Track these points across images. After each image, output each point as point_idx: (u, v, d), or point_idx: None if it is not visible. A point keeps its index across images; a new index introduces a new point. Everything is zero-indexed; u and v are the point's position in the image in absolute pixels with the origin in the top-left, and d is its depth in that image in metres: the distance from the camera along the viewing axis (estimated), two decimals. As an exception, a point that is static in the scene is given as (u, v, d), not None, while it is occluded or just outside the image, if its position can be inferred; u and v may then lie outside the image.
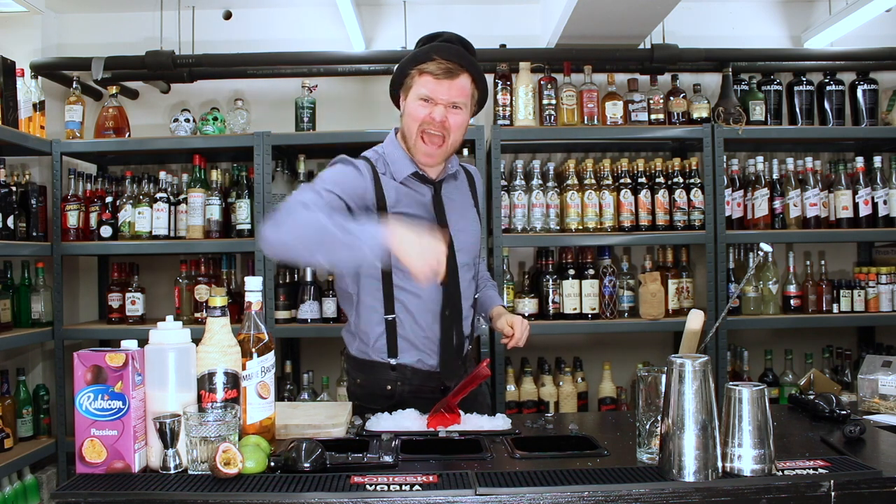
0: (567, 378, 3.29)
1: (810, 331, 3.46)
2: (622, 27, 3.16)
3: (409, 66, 1.83)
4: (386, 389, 1.91)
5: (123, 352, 1.38)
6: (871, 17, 3.13)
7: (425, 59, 1.79)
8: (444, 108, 1.79)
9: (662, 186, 3.19)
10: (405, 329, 1.88)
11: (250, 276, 2.42)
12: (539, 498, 1.27)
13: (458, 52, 1.79)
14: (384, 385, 1.91)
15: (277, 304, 3.16)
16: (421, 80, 1.80)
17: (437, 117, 1.79)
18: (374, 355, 1.92)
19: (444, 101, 1.79)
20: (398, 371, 1.90)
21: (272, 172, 3.17)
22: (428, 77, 1.78)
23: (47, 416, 3.23)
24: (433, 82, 1.78)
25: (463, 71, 1.79)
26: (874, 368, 1.94)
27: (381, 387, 1.91)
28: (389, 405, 1.85)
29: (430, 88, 1.78)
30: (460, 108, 1.81)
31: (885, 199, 3.23)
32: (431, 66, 1.77)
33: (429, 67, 1.78)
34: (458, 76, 1.79)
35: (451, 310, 1.86)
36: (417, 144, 1.83)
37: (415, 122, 1.81)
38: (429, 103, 1.80)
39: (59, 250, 3.19)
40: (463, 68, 1.79)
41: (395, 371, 1.90)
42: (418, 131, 1.81)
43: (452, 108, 1.80)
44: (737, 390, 1.33)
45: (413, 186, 1.88)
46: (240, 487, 1.29)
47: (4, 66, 2.93)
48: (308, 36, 3.60)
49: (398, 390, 1.90)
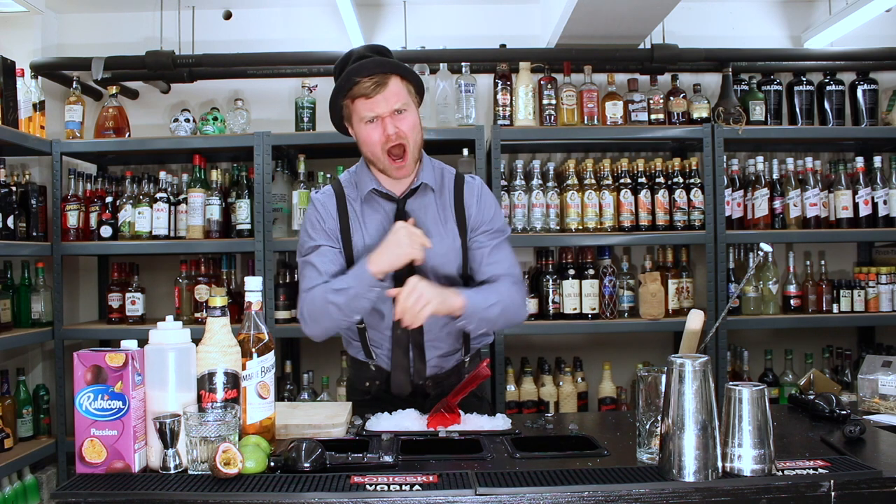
0: (567, 378, 3.29)
1: (810, 331, 3.46)
2: (622, 27, 3.16)
3: (338, 99, 1.82)
4: (364, 385, 1.99)
5: (123, 352, 1.38)
6: (871, 17, 3.13)
7: (350, 86, 1.77)
8: (390, 118, 1.78)
9: (662, 186, 3.19)
10: (373, 337, 1.94)
11: (250, 276, 2.42)
12: (539, 498, 1.27)
13: (376, 63, 1.77)
14: (364, 381, 1.99)
15: (277, 304, 3.16)
16: (356, 106, 1.79)
17: (391, 131, 1.78)
18: (356, 355, 2.00)
19: (387, 113, 1.78)
20: (377, 371, 1.96)
21: (272, 172, 3.17)
22: (361, 100, 1.77)
23: (47, 416, 3.23)
24: (368, 102, 1.77)
25: (388, 76, 1.77)
26: (874, 368, 1.94)
27: (361, 382, 2.00)
28: (368, 399, 1.95)
29: (369, 107, 1.77)
30: (405, 111, 1.80)
31: (885, 199, 3.23)
32: (358, 89, 1.76)
33: (357, 90, 1.76)
34: (387, 83, 1.77)
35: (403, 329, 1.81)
36: (388, 165, 1.82)
37: (375, 146, 1.80)
38: (375, 122, 1.79)
39: (59, 250, 3.19)
40: (386, 74, 1.77)
41: (374, 370, 1.97)
42: (384, 152, 1.81)
43: (398, 115, 1.79)
44: (737, 390, 1.33)
45: (376, 204, 1.89)
46: (240, 487, 1.29)
47: (4, 66, 2.93)
48: (308, 36, 3.60)
49: (374, 388, 1.97)
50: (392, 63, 1.79)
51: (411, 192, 1.88)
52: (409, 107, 1.82)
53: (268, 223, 3.12)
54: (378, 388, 1.96)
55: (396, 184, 1.88)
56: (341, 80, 1.79)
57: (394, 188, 1.88)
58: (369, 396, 1.97)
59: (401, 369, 1.90)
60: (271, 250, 3.12)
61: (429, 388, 1.94)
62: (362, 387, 1.99)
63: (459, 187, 1.92)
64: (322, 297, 1.77)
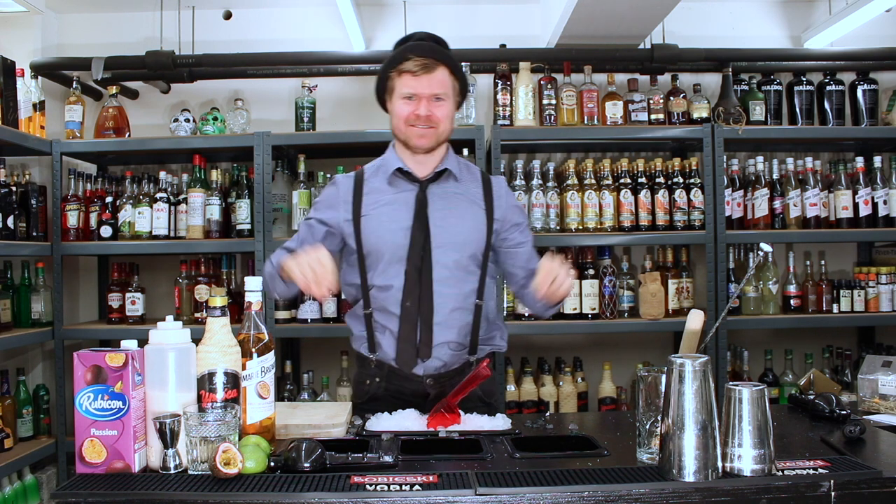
0: (567, 378, 3.29)
1: (810, 331, 3.46)
2: (622, 27, 3.16)
3: (387, 69, 1.90)
4: (365, 384, 1.99)
5: (123, 352, 1.38)
6: (871, 17, 3.13)
7: (402, 60, 1.86)
8: (427, 101, 1.86)
9: (662, 186, 3.19)
10: (378, 324, 1.93)
11: (250, 276, 2.42)
12: (539, 498, 1.27)
13: (431, 48, 1.87)
14: (364, 379, 1.99)
15: (277, 304, 3.16)
16: (401, 80, 1.87)
17: (423, 112, 1.86)
18: (360, 349, 2.01)
19: (426, 95, 1.85)
20: (378, 367, 1.96)
21: (272, 172, 3.17)
22: (407, 76, 1.85)
23: (47, 416, 3.23)
24: (413, 79, 1.85)
25: (439, 64, 1.86)
26: (874, 368, 1.94)
27: (363, 381, 2.00)
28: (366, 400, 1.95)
29: (411, 85, 1.85)
30: (443, 100, 1.88)
31: (885, 199, 3.23)
32: (408, 64, 1.84)
33: (406, 66, 1.85)
34: (436, 70, 1.85)
35: (413, 301, 1.86)
36: (409, 133, 1.89)
37: (401, 119, 1.89)
38: (412, 100, 1.87)
39: (59, 250, 3.19)
40: (439, 62, 1.86)
41: (375, 367, 1.96)
42: (406, 125, 1.88)
43: (435, 101, 1.87)
44: (737, 390, 1.33)
45: (399, 185, 1.94)
46: (240, 487, 1.29)
47: (4, 66, 2.93)
48: (308, 36, 3.60)
49: (374, 386, 1.96)
50: (446, 54, 1.89)
51: (435, 176, 1.94)
52: (448, 98, 1.90)
53: (268, 223, 3.12)
54: (378, 386, 1.96)
55: (421, 167, 1.94)
56: (395, 53, 1.89)
57: (417, 170, 1.93)
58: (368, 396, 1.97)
59: (408, 342, 1.89)
60: (271, 250, 3.11)
61: (429, 387, 1.93)
62: (363, 386, 1.99)
63: (487, 181, 2.00)
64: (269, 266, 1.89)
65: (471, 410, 1.81)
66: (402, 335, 1.89)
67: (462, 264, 1.92)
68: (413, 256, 1.85)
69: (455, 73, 1.90)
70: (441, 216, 1.90)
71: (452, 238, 1.90)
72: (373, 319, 1.94)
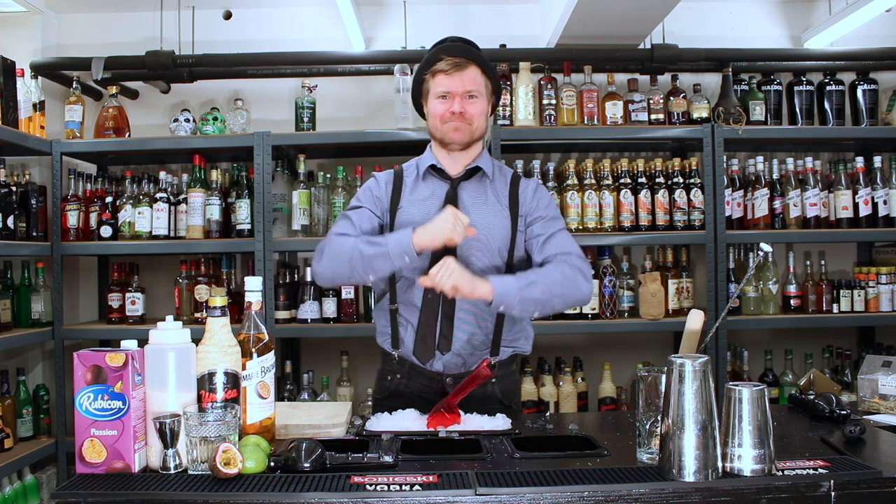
0: (567, 378, 3.29)
1: (810, 331, 3.46)
2: (622, 27, 3.16)
3: (422, 72, 1.97)
4: (386, 380, 2.02)
5: (123, 352, 1.38)
6: (871, 17, 3.13)
7: (435, 61, 1.93)
8: (461, 99, 1.91)
9: (662, 186, 3.19)
10: (403, 319, 1.96)
11: (250, 276, 2.42)
12: (539, 498, 1.27)
13: (462, 48, 1.94)
14: (386, 375, 2.02)
15: (277, 304, 3.16)
16: (435, 81, 1.94)
17: (456, 108, 1.91)
18: (384, 344, 2.03)
19: (459, 93, 1.91)
20: (399, 364, 1.98)
21: (272, 172, 3.17)
22: (440, 75, 1.92)
23: (47, 416, 3.23)
24: (446, 78, 1.91)
25: (470, 63, 1.92)
26: (874, 368, 1.94)
27: (384, 377, 2.03)
28: (386, 395, 1.99)
29: (445, 84, 1.91)
30: (476, 97, 1.93)
31: (885, 199, 3.23)
32: (441, 64, 1.91)
33: (439, 66, 1.92)
34: (467, 68, 1.91)
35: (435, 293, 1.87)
36: (444, 129, 1.93)
37: (437, 118, 1.94)
38: (447, 99, 1.92)
39: (59, 250, 3.19)
40: (470, 61, 1.92)
41: (397, 363, 1.99)
42: (442, 123, 1.93)
43: (469, 98, 1.92)
44: (737, 390, 1.33)
45: (432, 182, 1.99)
46: (240, 487, 1.29)
47: (4, 66, 2.93)
48: (308, 36, 3.60)
49: (395, 382, 1.99)
50: (477, 54, 1.96)
51: (468, 174, 1.97)
52: (481, 96, 1.95)
53: (268, 223, 3.12)
54: (399, 382, 1.98)
55: (454, 164, 1.98)
56: (428, 55, 1.96)
57: (450, 167, 1.98)
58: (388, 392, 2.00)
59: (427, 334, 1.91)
60: (271, 250, 3.11)
61: (449, 386, 1.93)
62: (385, 382, 2.03)
63: (515, 180, 2.03)
64: (353, 243, 1.82)
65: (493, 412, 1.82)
66: (421, 326, 1.92)
67: (487, 260, 1.94)
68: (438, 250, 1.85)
69: (487, 72, 1.96)
70: (469, 212, 1.91)
71: (479, 234, 1.91)
72: (398, 314, 1.97)
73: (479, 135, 1.97)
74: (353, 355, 3.39)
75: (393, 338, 1.98)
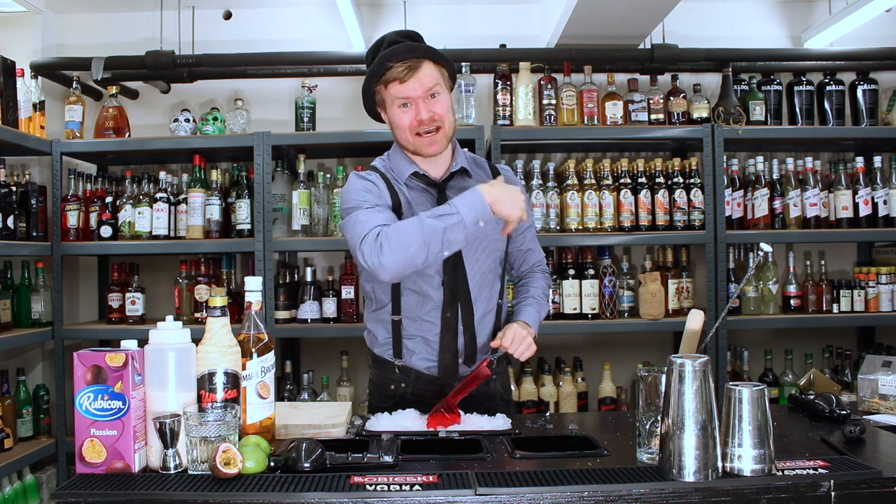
0: (567, 378, 3.29)
1: (810, 331, 3.46)
2: (622, 27, 3.16)
3: (372, 84, 1.84)
4: (389, 389, 1.94)
5: (123, 352, 1.38)
6: (871, 17, 3.13)
7: (383, 71, 1.78)
8: (424, 102, 1.79)
9: (662, 186, 3.19)
10: (409, 331, 1.90)
11: (250, 276, 2.42)
12: (539, 498, 1.27)
13: (407, 48, 1.79)
14: (389, 384, 1.94)
15: (277, 304, 3.16)
16: (390, 90, 1.80)
17: (424, 116, 1.79)
18: (383, 353, 1.96)
19: (420, 96, 1.79)
20: (403, 373, 1.92)
21: (272, 172, 3.17)
22: (394, 84, 1.78)
23: (47, 416, 3.23)
24: (401, 86, 1.78)
25: (422, 61, 1.78)
26: (874, 368, 1.94)
27: (386, 385, 1.95)
28: (391, 404, 1.89)
29: (402, 92, 1.78)
30: (438, 93, 1.81)
31: (885, 199, 3.23)
32: (392, 72, 1.77)
33: (391, 75, 1.77)
34: (421, 67, 1.78)
35: (454, 312, 1.86)
36: (417, 143, 1.83)
37: (405, 130, 1.82)
38: (409, 106, 1.80)
39: (59, 250, 3.18)
40: (419, 58, 1.78)
41: (400, 372, 1.93)
42: (412, 135, 1.83)
43: (431, 99, 1.80)
44: (737, 390, 1.33)
45: (418, 189, 1.90)
46: (240, 487, 1.29)
47: (4, 66, 2.93)
48: (308, 36, 3.60)
49: (399, 391, 1.93)
50: (425, 48, 1.81)
51: (450, 176, 1.90)
52: (442, 90, 1.83)
53: (268, 223, 3.12)
54: (404, 392, 1.92)
55: (434, 167, 1.89)
56: (374, 66, 1.80)
57: (432, 171, 1.89)
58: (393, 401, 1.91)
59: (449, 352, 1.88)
60: (271, 250, 3.11)
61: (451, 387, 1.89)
62: (387, 391, 1.94)
63: (496, 173, 1.96)
64: (417, 223, 1.67)
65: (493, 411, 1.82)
66: (443, 348, 1.88)
67: (490, 267, 1.92)
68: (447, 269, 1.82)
69: (439, 61, 1.82)
70: None
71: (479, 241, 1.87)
72: (401, 326, 1.90)
73: (451, 133, 1.87)
74: (353, 355, 3.39)
75: (395, 348, 1.92)
